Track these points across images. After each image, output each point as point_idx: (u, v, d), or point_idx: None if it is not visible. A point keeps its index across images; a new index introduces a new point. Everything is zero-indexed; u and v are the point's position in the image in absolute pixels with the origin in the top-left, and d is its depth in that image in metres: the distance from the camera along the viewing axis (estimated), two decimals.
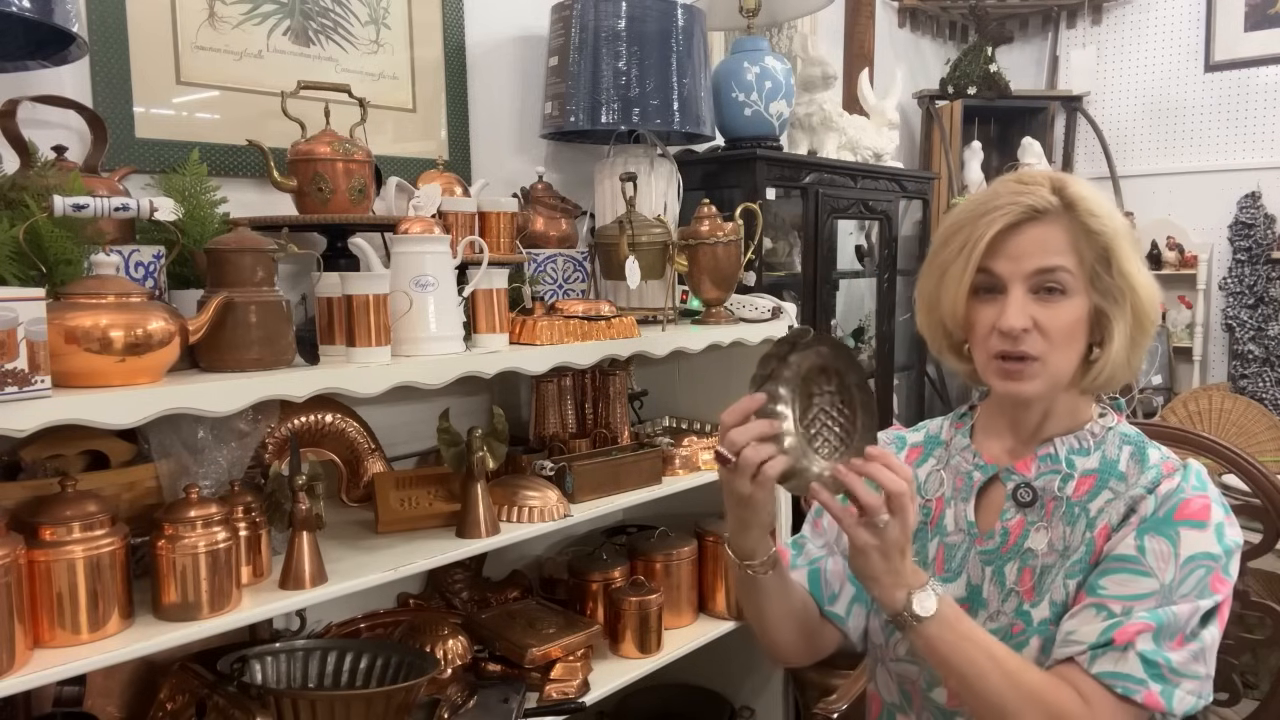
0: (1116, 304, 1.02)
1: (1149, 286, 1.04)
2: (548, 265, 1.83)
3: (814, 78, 2.42)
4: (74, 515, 1.02)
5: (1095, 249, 1.02)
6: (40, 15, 1.09)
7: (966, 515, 1.12)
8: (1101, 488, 1.05)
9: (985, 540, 1.10)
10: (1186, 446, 1.47)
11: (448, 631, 1.52)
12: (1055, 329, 1.01)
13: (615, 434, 1.80)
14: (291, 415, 1.43)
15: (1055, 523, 1.06)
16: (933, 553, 1.14)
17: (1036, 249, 1.01)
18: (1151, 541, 0.98)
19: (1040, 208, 1.02)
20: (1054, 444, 1.08)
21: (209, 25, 1.52)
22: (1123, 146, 3.76)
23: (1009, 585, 1.07)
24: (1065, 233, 1.02)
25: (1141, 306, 1.03)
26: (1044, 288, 1.02)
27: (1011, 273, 1.02)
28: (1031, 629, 1.03)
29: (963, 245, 1.04)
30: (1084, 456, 1.07)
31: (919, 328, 1.18)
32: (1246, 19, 3.50)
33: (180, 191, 1.36)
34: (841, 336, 2.92)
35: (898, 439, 1.26)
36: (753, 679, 2.06)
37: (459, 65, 1.89)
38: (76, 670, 0.99)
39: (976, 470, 1.14)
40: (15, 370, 0.91)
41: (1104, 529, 1.02)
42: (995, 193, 1.05)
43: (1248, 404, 3.26)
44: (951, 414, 1.24)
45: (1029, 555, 1.06)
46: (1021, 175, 1.07)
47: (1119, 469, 1.05)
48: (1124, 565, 0.98)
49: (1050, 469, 1.08)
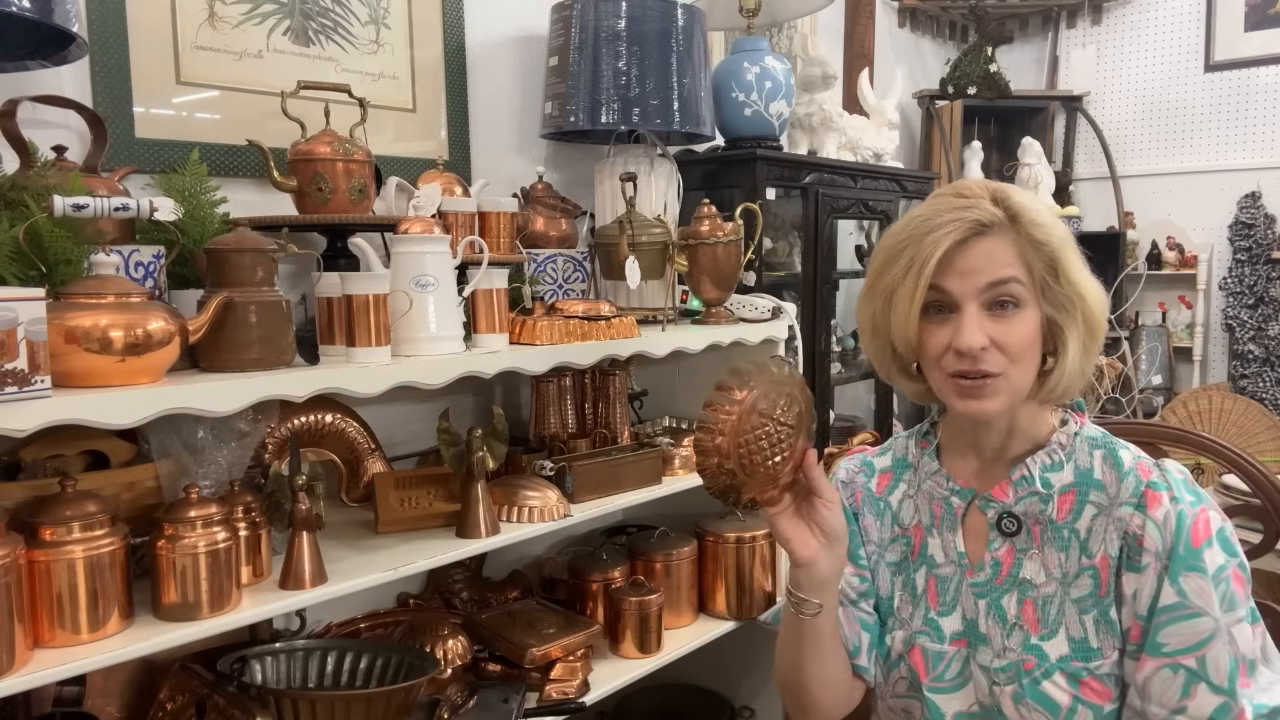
0: (1067, 313, 1.01)
1: (1097, 293, 1.02)
2: (548, 265, 1.83)
3: (814, 78, 2.42)
4: (74, 515, 1.02)
5: (1042, 259, 1.00)
6: (40, 15, 1.09)
7: (956, 546, 1.09)
8: (1083, 502, 1.03)
9: (976, 572, 1.08)
10: (1186, 446, 1.47)
11: (448, 631, 1.52)
12: (1012, 344, 0.99)
13: (615, 434, 1.80)
14: (291, 415, 1.43)
15: (1046, 549, 1.04)
16: (922, 585, 1.11)
17: (986, 263, 0.99)
18: (1187, 582, 0.96)
19: (986, 221, 0.99)
20: (1026, 465, 1.06)
21: (209, 25, 1.52)
22: (1123, 146, 3.76)
23: (1010, 620, 1.04)
24: (1013, 245, 1.00)
25: (1091, 314, 1.02)
26: (997, 302, 0.99)
27: (963, 290, 0.99)
28: (1050, 665, 1.01)
29: (909, 266, 1.00)
30: (1058, 472, 1.05)
31: (865, 351, 1.14)
32: (1246, 19, 3.50)
33: (180, 191, 1.36)
34: (841, 336, 2.92)
35: (866, 465, 1.22)
36: (752, 679, 2.06)
37: (459, 65, 1.89)
38: (76, 670, 0.99)
39: (954, 495, 1.11)
40: (15, 370, 0.91)
41: (1104, 559, 1.01)
42: (936, 209, 1.02)
43: (1248, 404, 3.26)
44: (913, 432, 1.19)
45: (1027, 586, 1.04)
46: (959, 188, 1.04)
47: (1095, 477, 1.04)
48: (1174, 616, 0.97)
49: (1029, 492, 1.05)
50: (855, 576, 1.16)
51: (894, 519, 1.16)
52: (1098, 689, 1.00)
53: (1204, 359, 3.63)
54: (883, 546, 1.17)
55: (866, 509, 1.18)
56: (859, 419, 2.86)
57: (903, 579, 1.14)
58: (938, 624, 1.09)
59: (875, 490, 1.19)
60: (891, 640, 1.13)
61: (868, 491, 1.19)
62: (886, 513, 1.17)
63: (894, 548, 1.16)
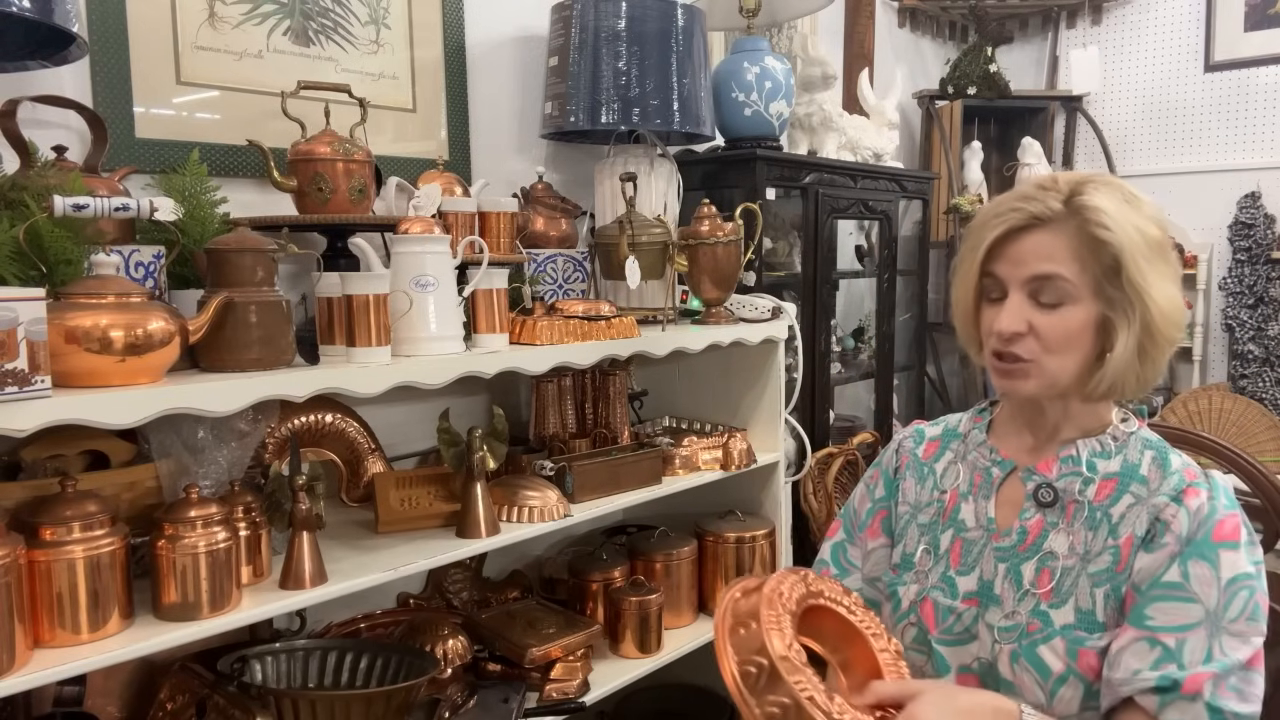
0: (1124, 314, 1.01)
1: (1167, 301, 1.02)
2: (548, 265, 1.83)
3: (814, 78, 2.42)
4: (74, 515, 1.02)
5: (1102, 258, 1.01)
6: (40, 15, 1.09)
7: (987, 512, 1.13)
8: (1123, 491, 1.05)
9: (1002, 537, 1.10)
10: (1186, 446, 1.47)
11: (448, 631, 1.52)
12: (1051, 335, 1.02)
13: (615, 434, 1.80)
14: (291, 415, 1.43)
15: (1076, 526, 1.06)
16: (947, 545, 1.14)
17: (1033, 256, 1.03)
18: (1195, 567, 0.98)
19: (1041, 215, 1.02)
20: (1075, 446, 1.09)
21: (209, 25, 1.52)
22: (1123, 146, 3.76)
23: (1025, 585, 1.06)
24: (1068, 240, 1.01)
25: (1153, 320, 1.01)
26: (1041, 294, 1.03)
27: (1011, 277, 1.04)
28: (1053, 630, 1.03)
29: (972, 247, 1.08)
30: (1105, 460, 1.08)
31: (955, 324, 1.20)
32: (1246, 19, 3.49)
33: (180, 191, 1.37)
34: (841, 336, 2.93)
35: (917, 432, 1.27)
36: None
37: (459, 65, 1.89)
38: (76, 670, 0.99)
39: (995, 466, 1.14)
40: (15, 370, 0.91)
41: (1129, 538, 1.02)
42: (1009, 196, 1.07)
43: (1248, 404, 3.26)
44: (972, 409, 1.25)
45: (1049, 557, 1.06)
46: (1042, 179, 1.07)
47: (1140, 473, 1.06)
48: (1169, 593, 0.98)
49: (1071, 470, 1.08)
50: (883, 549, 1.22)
51: (935, 483, 1.20)
52: (1094, 663, 1.01)
53: (1204, 359, 3.63)
54: (918, 508, 1.20)
55: (909, 472, 1.23)
56: (859, 419, 2.86)
57: (929, 538, 1.17)
58: (954, 581, 1.12)
59: (921, 456, 1.23)
60: (905, 591, 1.15)
61: (914, 457, 1.24)
62: (929, 477, 1.21)
63: (928, 509, 1.19)
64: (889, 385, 2.76)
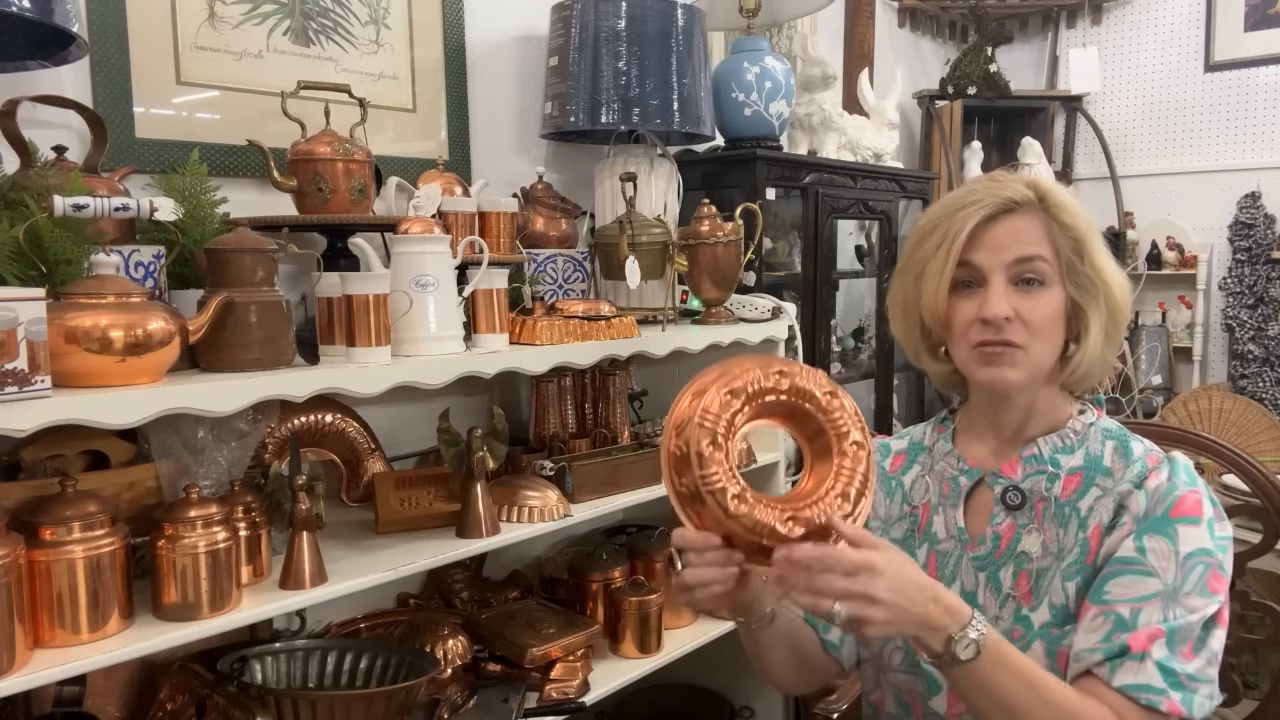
0: (1091, 297, 1.04)
1: (1121, 281, 1.06)
2: (548, 265, 1.83)
3: (814, 78, 2.42)
4: (74, 515, 1.02)
5: (1069, 242, 1.04)
6: (40, 15, 1.09)
7: (956, 521, 1.12)
8: (1089, 485, 1.05)
9: (977, 546, 1.10)
10: (1186, 447, 1.47)
11: (448, 631, 1.52)
12: (1036, 319, 1.03)
13: (615, 434, 1.80)
14: (291, 415, 1.43)
15: (1046, 524, 1.06)
16: (923, 560, 1.14)
17: (1014, 240, 1.04)
18: (1151, 541, 0.98)
19: (1017, 199, 1.04)
20: (1037, 444, 1.09)
21: (209, 25, 1.52)
22: (1123, 146, 3.76)
23: (1005, 590, 1.06)
24: (1041, 225, 1.04)
25: (1115, 300, 1.05)
26: (1023, 278, 1.03)
27: (991, 264, 1.04)
28: (1033, 633, 1.03)
29: (941, 240, 1.06)
30: (1068, 454, 1.08)
31: (894, 334, 1.19)
32: (1246, 19, 3.50)
33: (180, 191, 1.36)
34: (841, 336, 2.93)
35: (882, 446, 1.26)
36: (753, 679, 2.05)
37: (459, 65, 1.89)
38: (76, 670, 0.99)
39: (962, 475, 1.14)
40: (15, 370, 0.91)
41: (1096, 528, 1.03)
42: (970, 189, 1.08)
43: (1248, 404, 3.26)
44: (933, 419, 1.25)
45: (1023, 559, 1.06)
46: (995, 175, 1.09)
47: (1104, 464, 1.06)
48: (1126, 568, 0.98)
49: (1036, 470, 1.08)
50: None
51: (904, 497, 1.19)
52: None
53: (1204, 359, 3.63)
54: (889, 522, 1.19)
55: (878, 486, 1.22)
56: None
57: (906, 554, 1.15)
58: None
59: (889, 470, 1.23)
60: None
61: (880, 470, 1.22)
62: (898, 490, 1.20)
63: (900, 524, 1.18)
64: (889, 385, 2.76)
